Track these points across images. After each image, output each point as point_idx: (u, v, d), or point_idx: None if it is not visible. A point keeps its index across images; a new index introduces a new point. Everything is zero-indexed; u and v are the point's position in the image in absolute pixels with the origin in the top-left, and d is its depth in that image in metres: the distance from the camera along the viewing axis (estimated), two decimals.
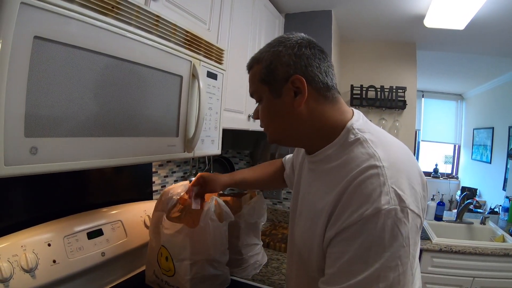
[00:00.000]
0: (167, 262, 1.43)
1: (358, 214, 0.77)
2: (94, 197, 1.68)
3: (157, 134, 1.27)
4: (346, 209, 0.81)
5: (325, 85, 0.97)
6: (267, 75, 0.97)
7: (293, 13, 2.98)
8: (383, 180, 0.79)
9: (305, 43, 0.97)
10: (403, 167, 0.85)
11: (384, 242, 0.74)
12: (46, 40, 0.82)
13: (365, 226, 0.76)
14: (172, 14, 1.40)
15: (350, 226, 0.78)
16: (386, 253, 0.74)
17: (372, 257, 0.75)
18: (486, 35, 3.24)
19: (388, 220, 0.75)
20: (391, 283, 0.74)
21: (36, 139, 0.83)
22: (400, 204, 0.77)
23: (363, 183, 0.80)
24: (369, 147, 0.88)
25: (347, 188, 0.82)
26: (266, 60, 0.98)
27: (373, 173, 0.81)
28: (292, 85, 0.94)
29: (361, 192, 0.80)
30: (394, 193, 0.78)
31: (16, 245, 1.19)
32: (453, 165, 7.30)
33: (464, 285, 2.78)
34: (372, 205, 0.76)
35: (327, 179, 0.93)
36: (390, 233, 0.75)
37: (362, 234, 0.76)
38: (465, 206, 3.46)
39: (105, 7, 0.97)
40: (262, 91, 1.00)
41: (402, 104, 3.78)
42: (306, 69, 0.94)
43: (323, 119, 0.97)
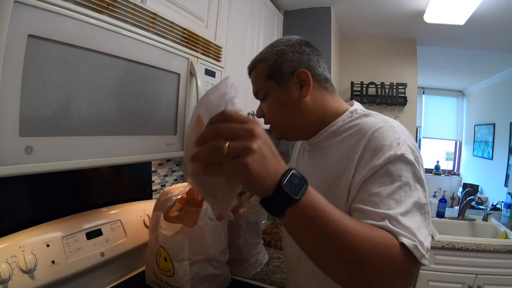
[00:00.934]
0: (166, 263, 1.42)
1: (384, 159, 0.86)
2: (93, 197, 1.67)
3: (155, 133, 1.26)
4: (372, 157, 0.88)
5: (325, 78, 1.10)
6: (274, 71, 1.06)
7: (292, 10, 2.97)
8: (397, 136, 0.90)
9: (304, 42, 1.10)
10: (409, 135, 0.95)
11: (410, 182, 0.84)
12: (41, 39, 0.82)
13: (392, 168, 0.85)
14: (169, 11, 1.40)
15: (377, 170, 0.86)
16: (413, 191, 0.84)
17: (403, 195, 0.82)
18: (487, 30, 3.23)
19: (408, 166, 0.86)
20: (422, 219, 0.81)
21: (31, 138, 0.83)
22: (414, 154, 0.88)
23: (381, 135, 0.91)
24: (377, 116, 1.02)
25: (370, 141, 0.92)
26: (271, 59, 1.07)
27: (387, 128, 0.92)
28: (298, 78, 1.04)
29: (382, 142, 0.89)
30: (408, 146, 0.89)
31: (15, 246, 1.18)
32: (455, 162, 7.30)
33: (467, 282, 2.77)
34: (394, 151, 0.86)
35: (341, 147, 1.01)
36: (412, 175, 0.85)
37: (390, 176, 0.84)
38: (467, 203, 3.44)
39: (100, 4, 0.97)
40: (269, 87, 1.08)
41: (402, 100, 3.78)
42: (308, 63, 1.06)
43: (325, 107, 1.09)
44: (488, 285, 2.76)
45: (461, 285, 2.78)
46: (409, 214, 0.80)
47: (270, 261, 1.99)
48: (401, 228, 0.76)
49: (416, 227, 0.77)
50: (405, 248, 0.73)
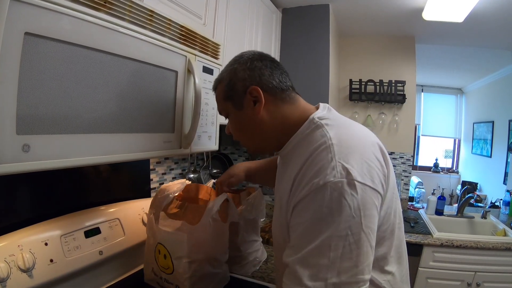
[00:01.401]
0: (166, 260, 1.42)
1: (309, 187, 0.85)
2: (91, 195, 1.67)
3: (153, 130, 1.26)
4: (300, 184, 0.89)
5: (280, 89, 1.08)
6: (229, 92, 1.10)
7: (290, 8, 2.96)
8: (331, 156, 0.86)
9: (257, 57, 1.10)
10: (355, 145, 0.92)
11: (333, 212, 0.81)
12: (37, 37, 0.81)
13: (314, 197, 0.84)
14: (167, 9, 1.39)
15: (303, 198, 0.87)
16: (335, 223, 0.80)
17: (323, 226, 0.81)
18: (485, 27, 3.23)
19: (335, 192, 0.81)
20: (342, 252, 0.79)
21: (29, 136, 0.82)
22: (347, 177, 0.83)
23: (314, 159, 0.89)
24: (323, 130, 0.97)
25: (303, 166, 0.91)
26: (226, 79, 1.11)
27: (322, 149, 0.89)
28: (250, 95, 1.05)
29: (312, 167, 0.88)
30: (341, 167, 0.84)
31: (13, 245, 1.18)
32: (454, 160, 7.31)
33: (466, 279, 2.77)
34: (320, 178, 0.84)
35: (292, 166, 1.00)
36: (337, 204, 0.81)
37: (312, 206, 0.84)
38: (466, 201, 3.45)
39: (97, 2, 0.96)
40: (227, 107, 1.12)
41: (401, 98, 3.77)
42: (260, 79, 1.06)
43: (284, 118, 1.08)
44: (487, 283, 2.77)
45: (460, 282, 2.79)
46: (322, 251, 0.80)
47: (268, 258, 1.99)
48: (292, 276, 0.83)
49: (326, 265, 0.79)
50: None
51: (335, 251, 0.79)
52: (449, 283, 2.80)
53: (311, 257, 0.80)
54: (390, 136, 3.88)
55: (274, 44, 2.86)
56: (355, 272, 0.80)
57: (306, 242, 0.82)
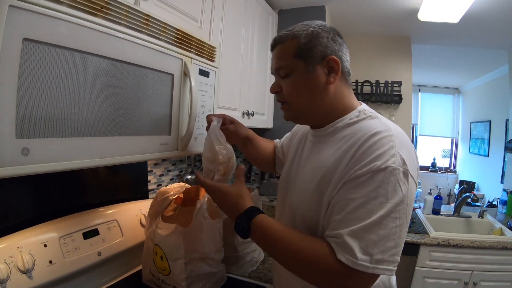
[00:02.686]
0: (162, 262, 1.43)
1: (368, 168, 0.90)
2: (89, 197, 1.68)
3: (149, 133, 1.27)
4: (358, 162, 0.93)
5: (348, 71, 1.12)
6: (304, 51, 1.06)
7: (286, 9, 2.97)
8: (392, 145, 0.92)
9: (337, 32, 1.11)
10: (407, 143, 0.98)
11: (387, 194, 0.87)
12: (36, 42, 0.83)
13: (373, 177, 0.89)
14: (163, 12, 1.40)
15: (360, 176, 0.91)
16: (388, 204, 0.87)
17: (377, 206, 0.87)
18: (481, 27, 3.24)
19: (392, 177, 0.88)
20: (389, 232, 0.86)
21: (28, 140, 0.84)
22: (403, 167, 0.90)
23: (377, 143, 0.93)
24: (381, 121, 1.03)
25: (362, 145, 0.95)
26: (305, 38, 1.06)
27: (385, 136, 0.94)
28: (327, 64, 1.05)
29: (374, 150, 0.92)
30: (400, 157, 0.91)
31: (13, 247, 1.20)
32: (451, 159, 7.32)
33: (463, 278, 2.78)
34: (381, 162, 0.89)
35: (339, 144, 1.04)
36: (393, 188, 0.88)
37: (369, 185, 0.89)
38: (463, 200, 3.46)
39: (94, 7, 0.98)
40: (296, 65, 1.07)
41: (397, 98, 3.78)
42: (339, 53, 1.07)
43: (342, 99, 1.10)
44: (483, 281, 2.77)
45: (457, 281, 2.79)
46: (374, 228, 0.86)
47: (266, 259, 2.00)
48: (347, 243, 0.87)
49: (374, 240, 0.86)
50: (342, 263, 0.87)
51: (384, 230, 0.86)
52: (446, 282, 2.80)
53: (363, 232, 0.86)
54: None
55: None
56: (394, 253, 0.88)
57: (360, 217, 0.87)
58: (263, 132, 2.86)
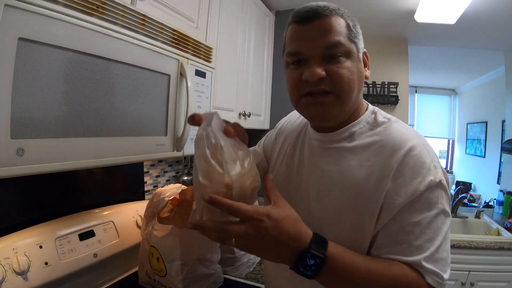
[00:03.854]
0: (158, 263, 1.43)
1: (425, 184, 0.82)
2: (85, 198, 1.67)
3: (146, 133, 1.27)
4: (411, 180, 0.83)
5: None
6: (354, 34, 0.91)
7: (283, 10, 2.98)
8: (431, 157, 0.87)
9: None
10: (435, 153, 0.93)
11: (445, 209, 0.84)
12: (31, 42, 0.82)
13: (431, 195, 0.83)
14: (159, 13, 1.40)
15: (419, 197, 0.82)
16: (447, 218, 0.85)
17: (441, 223, 0.83)
18: (477, 29, 3.26)
19: (444, 189, 0.85)
20: (447, 246, 0.84)
21: (23, 140, 0.83)
22: (445, 176, 0.87)
23: (420, 156, 0.85)
24: (406, 125, 0.96)
25: (405, 160, 0.85)
26: (352, 21, 0.92)
27: (423, 149, 0.87)
28: (364, 56, 0.97)
29: (421, 165, 0.84)
30: (440, 168, 0.87)
31: (8, 248, 1.19)
32: (448, 160, 7.35)
33: (460, 278, 2.78)
34: (434, 176, 0.83)
35: (365, 155, 0.90)
36: (446, 200, 0.85)
37: (430, 204, 0.83)
38: (460, 200, 3.46)
39: (90, 7, 0.97)
40: (352, 48, 0.90)
41: (394, 99, 3.80)
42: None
43: (361, 98, 1.00)
44: (481, 282, 2.77)
45: (454, 282, 2.80)
46: (442, 246, 0.83)
47: (262, 260, 2.00)
48: (430, 268, 0.80)
49: (445, 258, 0.83)
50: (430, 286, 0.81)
51: (446, 245, 0.84)
52: None
53: (438, 253, 0.82)
54: None
55: (267, 46, 2.87)
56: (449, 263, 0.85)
57: (430, 239, 0.82)
58: (260, 133, 2.86)
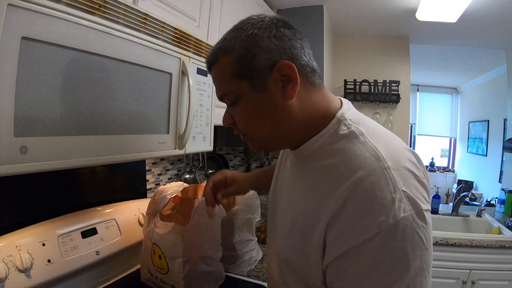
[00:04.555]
0: (160, 260, 1.43)
1: (373, 227, 0.66)
2: (88, 196, 1.68)
3: (147, 132, 1.28)
4: (356, 221, 0.69)
5: (312, 68, 0.83)
6: (243, 66, 0.79)
7: (284, 9, 2.99)
8: (392, 186, 0.68)
9: (281, 22, 0.81)
10: (407, 163, 0.75)
11: (408, 253, 0.66)
12: (34, 41, 0.83)
13: (384, 240, 0.66)
14: (161, 12, 1.41)
15: (366, 241, 0.67)
16: (411, 263, 0.66)
17: (398, 272, 0.67)
18: (479, 27, 3.25)
19: (408, 229, 0.66)
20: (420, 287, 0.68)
21: (26, 138, 0.84)
22: (416, 208, 0.68)
23: (371, 190, 0.68)
24: (367, 143, 0.76)
25: (352, 195, 0.70)
26: (238, 49, 0.79)
27: (380, 177, 0.69)
28: (279, 73, 0.77)
29: (370, 201, 0.68)
30: (407, 198, 0.68)
31: (11, 246, 1.19)
32: (449, 159, 7.34)
33: (461, 277, 2.79)
34: (387, 216, 0.66)
35: (319, 179, 0.80)
36: (411, 242, 0.67)
37: (383, 250, 0.66)
38: (461, 199, 3.47)
39: (92, 6, 0.98)
40: (240, 88, 0.81)
41: (396, 98, 3.80)
42: (291, 52, 0.79)
43: (313, 109, 0.83)
44: (482, 280, 2.78)
45: (455, 280, 2.81)
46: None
47: (264, 258, 2.00)
48: None
49: None
50: None
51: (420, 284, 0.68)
52: (444, 281, 2.81)
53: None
54: None
55: None
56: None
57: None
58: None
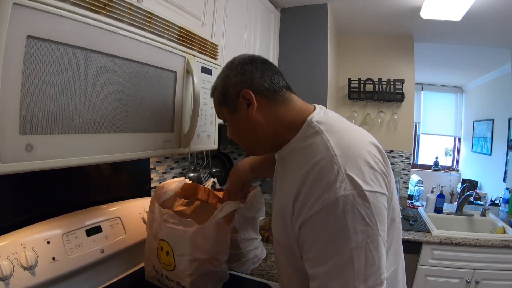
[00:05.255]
0: (168, 257, 1.44)
1: (319, 204, 0.84)
2: (92, 194, 1.69)
3: (152, 130, 1.28)
4: (308, 199, 0.88)
5: (272, 90, 1.07)
6: (222, 97, 1.11)
7: (288, 7, 2.98)
8: (336, 168, 0.86)
9: (247, 60, 1.10)
10: (357, 152, 0.91)
11: (348, 226, 0.81)
12: (39, 40, 0.83)
13: (327, 214, 0.83)
14: (165, 10, 1.41)
15: (315, 214, 0.86)
16: (353, 235, 0.81)
17: (341, 241, 0.82)
18: (483, 26, 3.24)
19: (347, 205, 0.82)
20: (365, 261, 0.82)
21: (31, 136, 0.84)
22: (357, 189, 0.83)
23: (320, 172, 0.88)
24: (323, 137, 0.95)
25: (306, 179, 0.90)
26: (220, 86, 1.12)
27: (326, 161, 0.88)
28: (243, 98, 1.05)
29: (318, 182, 0.87)
30: (349, 179, 0.84)
31: (16, 243, 1.20)
32: (454, 158, 7.30)
33: (465, 277, 2.78)
34: (330, 194, 0.83)
35: (292, 171, 1.02)
36: (352, 217, 0.82)
37: (327, 222, 0.84)
38: (465, 198, 3.46)
39: (97, 5, 0.98)
40: (224, 112, 1.13)
41: (400, 96, 3.78)
42: (251, 82, 1.06)
43: (279, 120, 1.07)
44: (486, 280, 2.78)
45: (459, 280, 2.80)
46: (346, 264, 0.81)
47: (268, 256, 2.01)
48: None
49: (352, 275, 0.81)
50: None
51: (358, 261, 0.81)
52: (448, 280, 2.81)
53: (337, 270, 0.82)
54: (389, 135, 3.89)
55: (272, 43, 2.87)
56: (379, 274, 0.83)
57: (329, 256, 0.84)
58: None
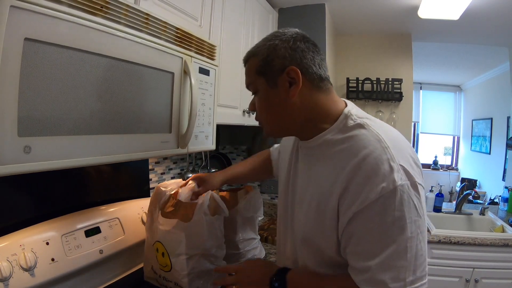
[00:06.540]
0: (164, 258, 1.44)
1: (376, 193, 0.84)
2: (91, 195, 1.70)
3: (150, 131, 1.28)
4: (361, 189, 0.87)
5: (319, 76, 1.02)
6: (263, 66, 1.02)
7: (286, 8, 2.99)
8: (392, 160, 0.87)
9: (300, 37, 1.02)
10: (404, 147, 0.94)
11: (405, 216, 0.83)
12: (37, 42, 0.84)
13: (385, 203, 0.84)
14: (163, 11, 1.42)
15: (370, 204, 0.85)
16: (408, 225, 0.83)
17: (396, 231, 0.83)
18: (481, 25, 3.24)
19: (404, 195, 0.84)
20: (416, 251, 0.84)
21: (30, 138, 0.85)
22: (410, 179, 0.86)
23: (375, 163, 0.87)
24: (371, 130, 0.95)
25: (357, 170, 0.89)
26: (262, 53, 1.02)
27: (381, 153, 0.88)
28: (288, 75, 0.98)
29: (374, 172, 0.86)
30: (403, 170, 0.86)
31: (15, 245, 1.21)
32: (453, 157, 7.30)
33: (464, 276, 2.78)
34: (387, 183, 0.84)
35: (331, 163, 0.98)
36: (408, 206, 0.84)
37: (385, 211, 0.84)
38: (464, 197, 3.46)
39: (94, 7, 0.98)
40: (259, 82, 1.04)
41: (398, 96, 3.79)
42: (301, 61, 0.99)
43: (316, 108, 1.02)
44: (485, 279, 2.77)
45: (458, 278, 2.80)
46: (399, 254, 0.83)
47: (267, 256, 2.01)
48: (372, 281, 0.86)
49: (405, 266, 0.83)
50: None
51: (411, 252, 0.83)
52: (447, 279, 2.81)
53: (391, 260, 0.83)
54: None
55: None
56: (425, 265, 0.86)
57: (383, 247, 0.84)
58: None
